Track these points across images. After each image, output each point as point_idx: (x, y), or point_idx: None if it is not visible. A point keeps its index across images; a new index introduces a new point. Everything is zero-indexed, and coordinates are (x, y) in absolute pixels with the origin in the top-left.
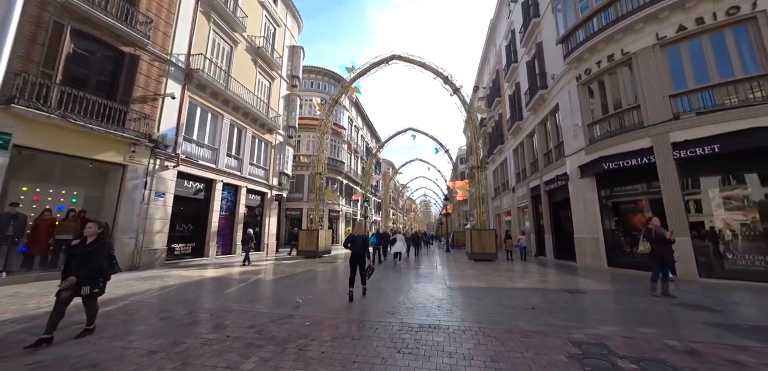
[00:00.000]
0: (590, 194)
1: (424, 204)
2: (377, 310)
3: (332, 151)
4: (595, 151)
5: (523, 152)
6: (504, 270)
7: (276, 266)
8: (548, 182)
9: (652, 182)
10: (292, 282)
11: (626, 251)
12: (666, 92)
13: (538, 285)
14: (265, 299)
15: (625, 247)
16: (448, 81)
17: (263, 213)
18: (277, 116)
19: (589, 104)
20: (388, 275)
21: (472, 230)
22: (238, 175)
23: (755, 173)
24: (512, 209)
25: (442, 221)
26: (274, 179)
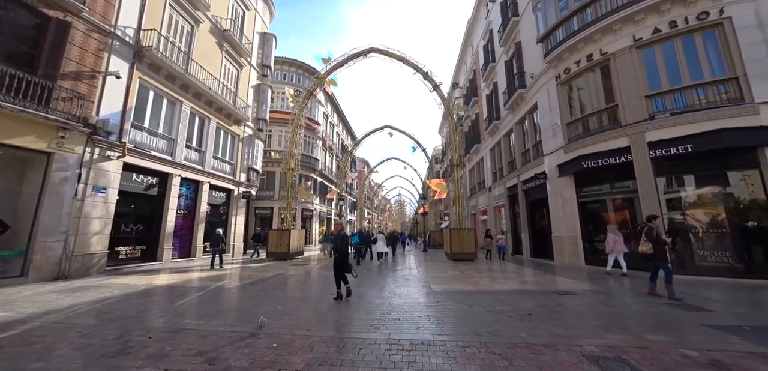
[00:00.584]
0: (569, 193)
1: (398, 204)
2: (359, 323)
3: (306, 147)
4: (574, 150)
5: (500, 151)
6: (486, 271)
7: (242, 271)
8: (526, 182)
9: (629, 180)
10: (259, 289)
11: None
12: (642, 93)
13: (524, 286)
14: (224, 313)
15: (600, 245)
16: (428, 77)
17: (229, 212)
18: (245, 107)
19: (568, 104)
20: (367, 278)
21: (451, 229)
22: (199, 169)
23: (724, 171)
24: (488, 208)
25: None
26: (242, 174)
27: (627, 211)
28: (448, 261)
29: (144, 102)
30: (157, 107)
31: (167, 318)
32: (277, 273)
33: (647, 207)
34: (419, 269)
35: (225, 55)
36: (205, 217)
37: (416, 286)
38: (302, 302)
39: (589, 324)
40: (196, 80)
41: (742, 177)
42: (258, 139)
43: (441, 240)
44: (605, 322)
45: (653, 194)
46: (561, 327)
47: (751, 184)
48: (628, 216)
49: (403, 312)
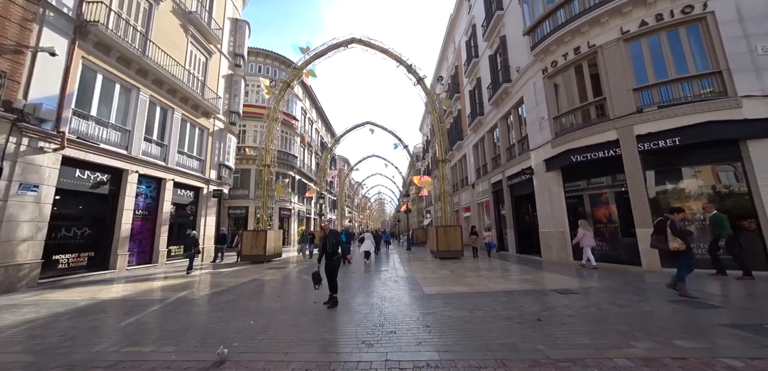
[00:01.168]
0: (556, 188)
1: (378, 202)
2: (348, 340)
3: (283, 143)
4: (562, 144)
5: (483, 147)
6: (477, 269)
7: (212, 277)
8: (511, 177)
9: (617, 174)
10: (228, 300)
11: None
12: (630, 86)
13: (522, 286)
14: (181, 334)
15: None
16: (412, 70)
17: (198, 212)
18: (216, 99)
19: (555, 97)
20: (352, 281)
21: (437, 227)
22: (161, 165)
23: (711, 164)
24: (471, 205)
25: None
26: (212, 171)
27: (615, 205)
28: (435, 260)
29: (90, 87)
30: (108, 94)
31: (104, 346)
32: (251, 279)
33: (636, 200)
34: (406, 269)
35: (191, 39)
36: (170, 218)
37: (407, 289)
38: (279, 314)
39: (609, 331)
40: (155, 65)
41: (726, 170)
42: (230, 133)
43: (424, 238)
44: (625, 327)
45: (641, 187)
46: (579, 335)
47: (738, 176)
48: (616, 210)
49: (398, 322)
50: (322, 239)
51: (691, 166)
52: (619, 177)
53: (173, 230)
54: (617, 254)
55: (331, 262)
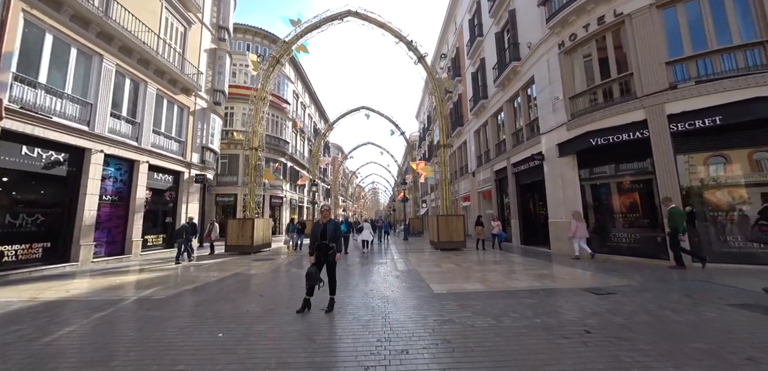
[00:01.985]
0: (570, 174)
1: (372, 192)
2: (346, 362)
3: (274, 128)
4: (579, 126)
5: (486, 133)
6: (485, 263)
7: (190, 271)
8: (517, 164)
9: (641, 159)
10: (199, 301)
11: (612, 235)
12: (662, 59)
13: (542, 283)
14: (121, 354)
15: (609, 230)
16: (412, 46)
17: (178, 198)
18: (197, 74)
19: (571, 75)
20: (350, 275)
21: (438, 216)
22: (132, 145)
23: (751, 148)
24: (471, 194)
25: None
26: (194, 155)
27: (637, 194)
28: (435, 251)
29: (37, 48)
30: (61, 59)
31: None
32: (234, 273)
33: (666, 188)
34: (406, 261)
35: (166, 4)
36: (146, 204)
37: (412, 287)
38: (258, 322)
39: (691, 350)
40: (121, 29)
41: None
42: (215, 114)
43: (420, 228)
44: (707, 344)
45: (672, 174)
46: (656, 357)
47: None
48: (638, 200)
49: (408, 333)
50: (318, 227)
51: (731, 149)
52: (644, 163)
53: (150, 218)
54: (639, 247)
55: (327, 257)
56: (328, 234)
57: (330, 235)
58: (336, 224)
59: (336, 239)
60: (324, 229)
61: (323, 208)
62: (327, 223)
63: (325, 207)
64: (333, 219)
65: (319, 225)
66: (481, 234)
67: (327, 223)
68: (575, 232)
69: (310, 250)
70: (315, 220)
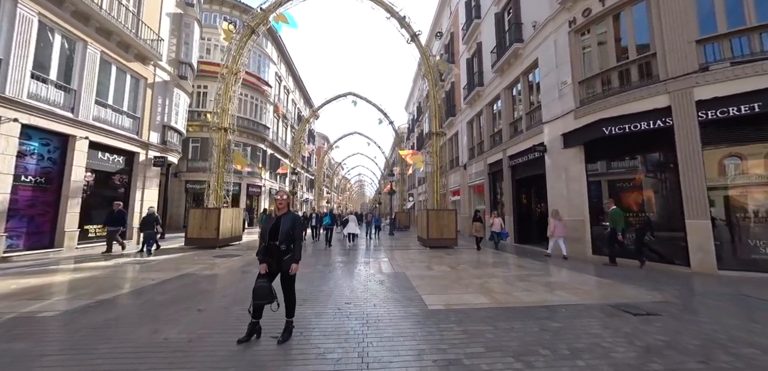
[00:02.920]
0: (576, 168)
1: (358, 184)
2: None
3: (253, 111)
4: (590, 114)
5: (479, 123)
6: (481, 265)
7: (126, 270)
8: (515, 156)
9: (662, 151)
10: (111, 318)
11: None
12: (691, 37)
13: (559, 296)
14: None
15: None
16: (405, 23)
17: (132, 183)
18: (157, 41)
19: (581, 57)
20: (326, 281)
21: (428, 210)
22: (65, 117)
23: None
24: (462, 188)
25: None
26: (153, 134)
27: (652, 191)
28: (425, 250)
29: None
30: None
31: None
32: (181, 275)
33: (689, 185)
34: (392, 261)
35: None
36: (86, 189)
37: (399, 299)
38: (176, 363)
39: None
40: None
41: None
42: (180, 89)
43: (407, 222)
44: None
45: (699, 168)
46: None
47: None
48: (653, 197)
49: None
50: (269, 222)
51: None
52: (665, 156)
53: (94, 206)
54: (654, 250)
55: (281, 265)
56: (281, 233)
57: (284, 235)
58: (295, 220)
59: (293, 242)
60: (276, 225)
61: (279, 195)
62: (282, 217)
63: (281, 194)
64: (292, 212)
65: (272, 220)
66: (479, 232)
67: (282, 217)
68: (553, 231)
69: (258, 254)
70: (270, 211)
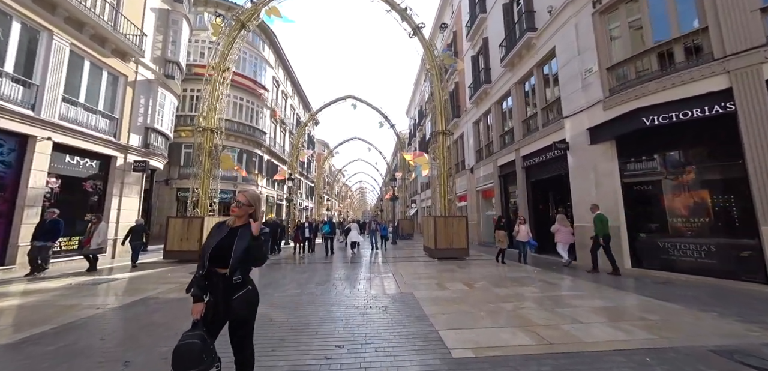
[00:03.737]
0: (607, 166)
1: (359, 191)
2: None
3: (249, 115)
4: (624, 103)
5: (487, 123)
6: (507, 283)
7: (80, 292)
8: (529, 157)
9: (720, 144)
10: None
11: (666, 246)
12: (754, 5)
13: (629, 333)
14: None
15: (660, 241)
16: (406, 16)
17: (108, 190)
18: (140, 36)
19: (608, 40)
20: (317, 307)
21: (436, 217)
22: (23, 114)
23: None
24: (469, 193)
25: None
26: (134, 136)
27: (708, 191)
28: (433, 261)
29: None
30: None
31: None
32: (138, 299)
33: (761, 183)
34: (396, 276)
35: None
36: (50, 197)
37: (410, 337)
38: None
39: None
40: None
41: None
42: (166, 89)
43: (410, 229)
44: None
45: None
46: None
47: None
48: (709, 199)
49: None
50: (214, 236)
51: None
52: (723, 147)
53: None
54: (713, 264)
55: (229, 306)
56: (234, 256)
57: (238, 259)
58: (257, 237)
59: (252, 263)
60: (227, 242)
61: (240, 196)
62: (239, 230)
63: (242, 195)
64: (255, 224)
65: (223, 230)
66: (503, 242)
67: (239, 230)
68: (557, 234)
69: (190, 288)
70: (221, 222)
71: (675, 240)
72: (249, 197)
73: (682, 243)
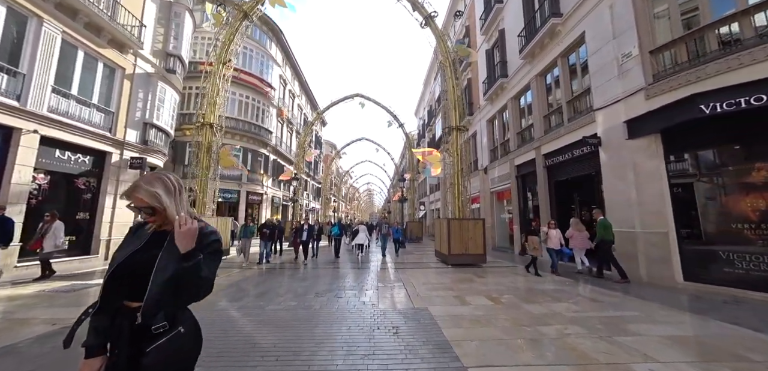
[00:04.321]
0: (650, 164)
1: (367, 193)
2: None
3: (254, 114)
4: (673, 90)
5: (503, 120)
6: (541, 297)
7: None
8: (552, 155)
9: None
10: None
11: (728, 257)
12: None
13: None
14: None
15: (722, 251)
16: (418, 4)
17: (102, 188)
18: (139, 27)
19: (651, 20)
20: (314, 326)
21: (450, 220)
22: (7, 104)
23: None
24: (482, 194)
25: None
26: (131, 131)
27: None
28: (446, 268)
29: None
30: None
31: None
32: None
33: None
34: (409, 288)
35: None
36: (36, 194)
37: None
38: None
39: None
40: None
41: None
42: (167, 84)
43: (419, 233)
44: None
45: None
46: None
47: None
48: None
49: None
50: (131, 249)
51: None
52: None
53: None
54: None
55: (140, 366)
56: (152, 287)
57: (156, 293)
58: (184, 256)
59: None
60: (139, 256)
61: (135, 192)
62: (167, 240)
63: (139, 186)
64: (183, 230)
65: (142, 236)
66: (538, 249)
67: (167, 240)
68: (572, 239)
69: (85, 342)
70: (140, 223)
71: (741, 250)
72: (148, 189)
73: (753, 254)
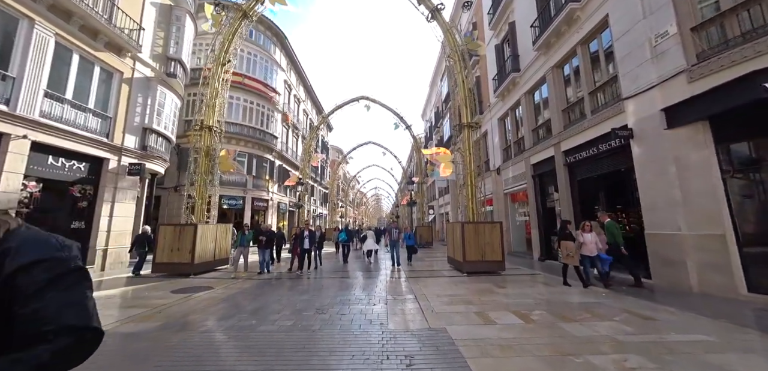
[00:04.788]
0: (696, 155)
1: (374, 198)
2: None
3: (259, 119)
4: (724, 68)
5: (516, 117)
6: (577, 312)
7: None
8: (574, 151)
9: None
10: None
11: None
12: None
13: None
14: None
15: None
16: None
17: (100, 196)
18: (138, 30)
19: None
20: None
21: (464, 223)
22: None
23: None
24: (495, 196)
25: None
26: (130, 137)
27: None
28: (461, 277)
29: None
30: None
31: None
32: None
33: None
34: (423, 301)
35: None
36: (28, 202)
37: None
38: None
39: None
40: None
41: None
42: (168, 88)
43: (429, 237)
44: None
45: None
46: None
47: None
48: None
49: None
50: None
51: None
52: None
53: (38, 223)
54: None
55: None
56: None
57: None
58: None
59: None
60: None
61: None
62: None
63: None
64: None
65: None
66: (574, 256)
67: None
68: (586, 246)
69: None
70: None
71: None
72: None
73: None
